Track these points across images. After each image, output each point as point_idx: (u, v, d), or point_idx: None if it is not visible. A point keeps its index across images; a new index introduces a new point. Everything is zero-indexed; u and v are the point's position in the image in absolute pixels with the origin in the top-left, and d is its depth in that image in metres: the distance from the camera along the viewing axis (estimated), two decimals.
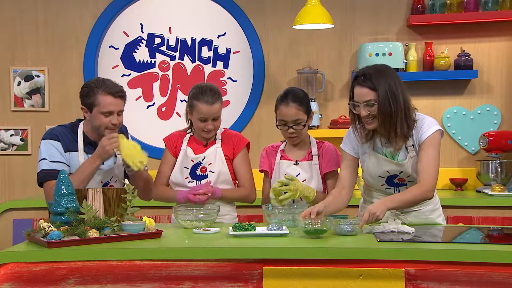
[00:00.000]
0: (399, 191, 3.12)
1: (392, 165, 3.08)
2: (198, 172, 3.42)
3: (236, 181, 3.52)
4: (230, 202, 3.47)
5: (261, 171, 3.50)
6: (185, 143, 3.46)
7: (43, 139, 3.32)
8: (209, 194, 3.29)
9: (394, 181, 3.13)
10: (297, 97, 3.29)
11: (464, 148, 5.03)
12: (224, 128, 3.55)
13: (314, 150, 3.40)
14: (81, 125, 3.35)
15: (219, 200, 3.37)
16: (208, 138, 3.44)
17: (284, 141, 3.48)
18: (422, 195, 2.95)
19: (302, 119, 3.30)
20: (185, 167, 3.43)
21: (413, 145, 3.04)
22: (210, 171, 3.41)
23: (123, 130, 3.48)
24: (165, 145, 3.52)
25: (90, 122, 3.29)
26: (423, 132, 3.00)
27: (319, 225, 2.76)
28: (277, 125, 3.36)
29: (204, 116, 3.34)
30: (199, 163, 3.42)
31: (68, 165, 3.27)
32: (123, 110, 3.31)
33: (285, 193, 3.17)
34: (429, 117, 3.09)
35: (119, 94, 3.25)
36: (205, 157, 3.41)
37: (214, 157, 3.42)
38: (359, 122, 3.06)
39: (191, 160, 3.42)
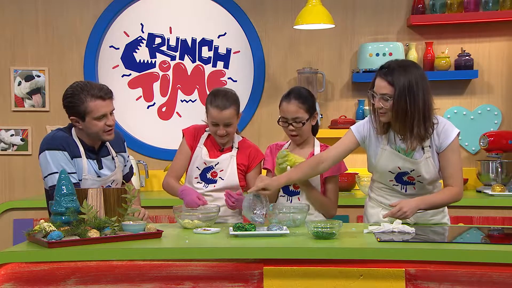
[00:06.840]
0: (405, 190, 3.13)
1: (405, 162, 3.06)
2: (209, 175, 3.42)
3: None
4: None
5: (264, 169, 3.50)
6: (202, 140, 3.45)
7: (46, 149, 3.12)
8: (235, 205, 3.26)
9: (403, 179, 3.12)
10: (299, 95, 3.32)
11: (465, 148, 5.03)
12: (242, 137, 3.53)
13: (317, 151, 3.40)
14: (73, 131, 3.22)
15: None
16: (224, 144, 3.43)
17: (289, 140, 3.49)
18: (454, 197, 3.06)
19: (302, 117, 3.30)
20: (197, 167, 3.42)
21: (429, 146, 3.04)
22: (220, 177, 3.41)
23: (121, 137, 3.44)
24: (184, 136, 3.48)
25: (84, 130, 3.16)
26: (446, 137, 3.02)
27: (328, 229, 2.76)
28: (278, 121, 3.37)
29: (215, 121, 3.33)
30: (211, 167, 3.41)
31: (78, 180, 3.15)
32: (114, 108, 3.23)
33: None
34: (445, 119, 3.11)
35: (108, 95, 3.16)
36: (218, 162, 3.41)
37: (227, 166, 3.41)
38: (375, 112, 3.05)
39: (204, 162, 3.41)
